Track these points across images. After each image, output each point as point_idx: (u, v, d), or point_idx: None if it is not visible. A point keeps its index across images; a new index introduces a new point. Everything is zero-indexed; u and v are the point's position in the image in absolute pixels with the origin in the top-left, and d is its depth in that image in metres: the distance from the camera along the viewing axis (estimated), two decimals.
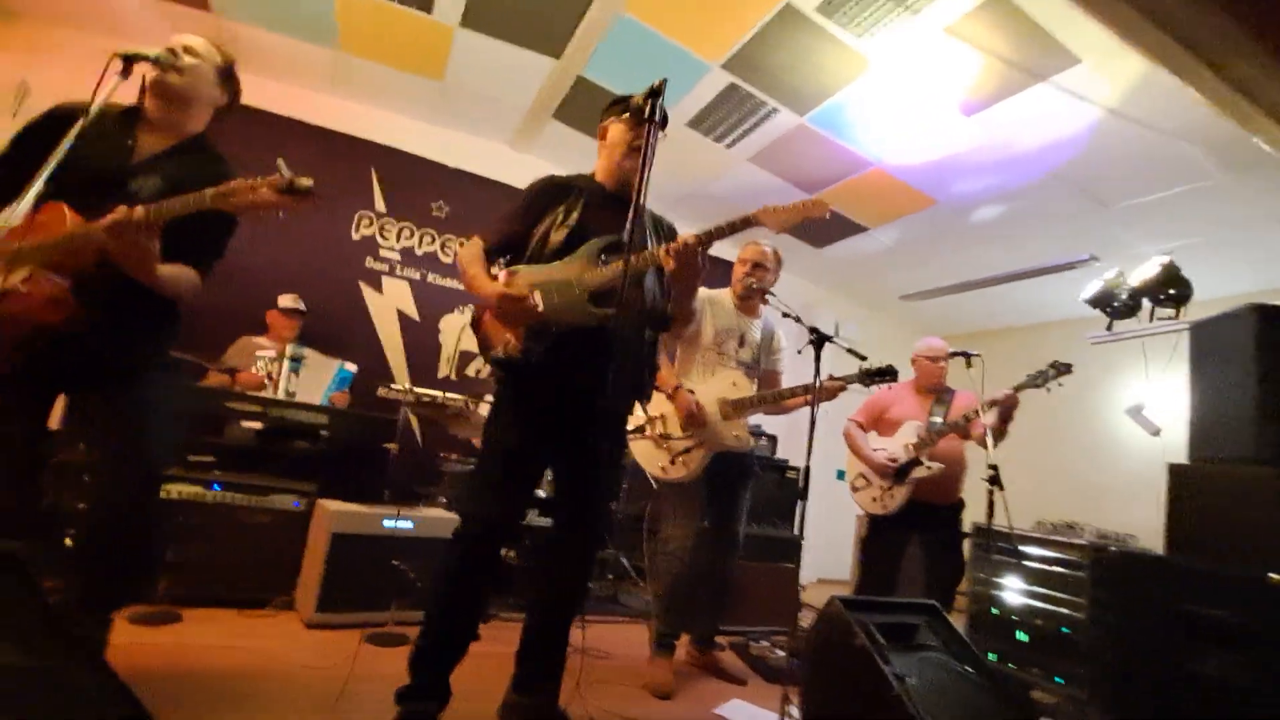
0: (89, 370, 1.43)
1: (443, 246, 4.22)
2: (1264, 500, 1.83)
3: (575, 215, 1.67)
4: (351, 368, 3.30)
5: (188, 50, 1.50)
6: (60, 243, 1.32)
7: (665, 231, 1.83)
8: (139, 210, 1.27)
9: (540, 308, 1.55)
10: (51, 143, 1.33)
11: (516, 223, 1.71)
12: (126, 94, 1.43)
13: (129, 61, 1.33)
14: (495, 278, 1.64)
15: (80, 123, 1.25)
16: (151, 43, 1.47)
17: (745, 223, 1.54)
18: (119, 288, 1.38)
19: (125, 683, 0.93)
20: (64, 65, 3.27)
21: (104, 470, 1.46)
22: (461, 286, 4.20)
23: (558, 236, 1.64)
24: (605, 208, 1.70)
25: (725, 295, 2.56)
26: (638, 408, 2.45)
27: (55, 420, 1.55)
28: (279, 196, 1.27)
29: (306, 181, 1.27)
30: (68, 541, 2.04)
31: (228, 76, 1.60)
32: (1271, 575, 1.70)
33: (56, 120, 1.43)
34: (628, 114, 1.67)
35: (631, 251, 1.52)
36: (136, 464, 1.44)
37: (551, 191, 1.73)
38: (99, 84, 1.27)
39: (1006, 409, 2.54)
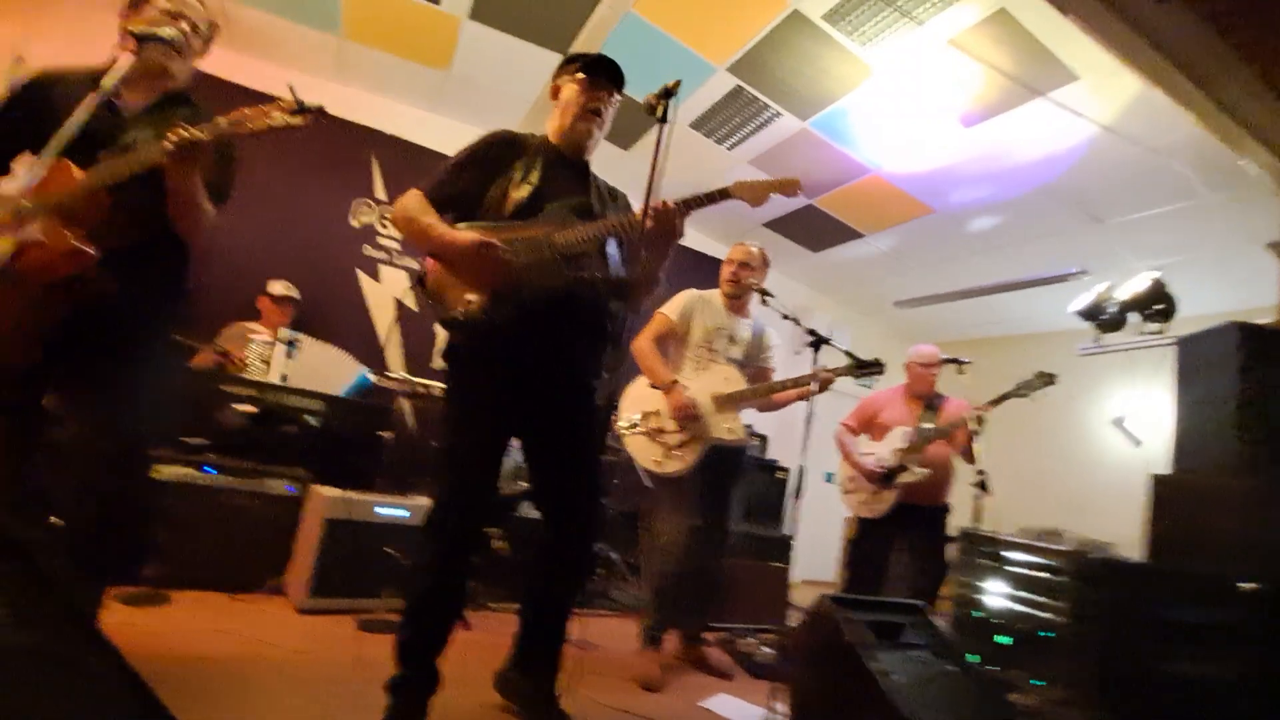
0: (96, 332, 1.41)
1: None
2: (1240, 510, 1.89)
3: (535, 174, 1.57)
4: (372, 377, 3.27)
5: (194, 30, 1.50)
6: (79, 188, 1.31)
7: (621, 201, 1.77)
8: (198, 131, 1.28)
9: (514, 264, 1.45)
10: (34, 111, 1.34)
11: (468, 176, 1.58)
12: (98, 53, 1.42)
13: (143, 41, 1.33)
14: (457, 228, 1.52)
15: (91, 96, 1.25)
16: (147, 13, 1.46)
17: (722, 194, 1.54)
18: (132, 243, 1.38)
19: (127, 660, 0.93)
20: (61, 36, 3.24)
21: (92, 445, 1.44)
22: None
23: (518, 194, 1.54)
24: (566, 173, 1.64)
25: (715, 295, 2.59)
26: (628, 405, 2.48)
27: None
28: (290, 117, 1.27)
29: (316, 103, 1.27)
30: (54, 520, 2.04)
31: (211, 35, 1.60)
32: (1241, 584, 1.76)
33: (39, 88, 1.43)
34: (581, 74, 1.61)
35: (612, 221, 1.52)
36: (126, 439, 1.43)
37: (504, 146, 1.62)
38: (92, 79, 1.27)
39: (968, 433, 2.62)
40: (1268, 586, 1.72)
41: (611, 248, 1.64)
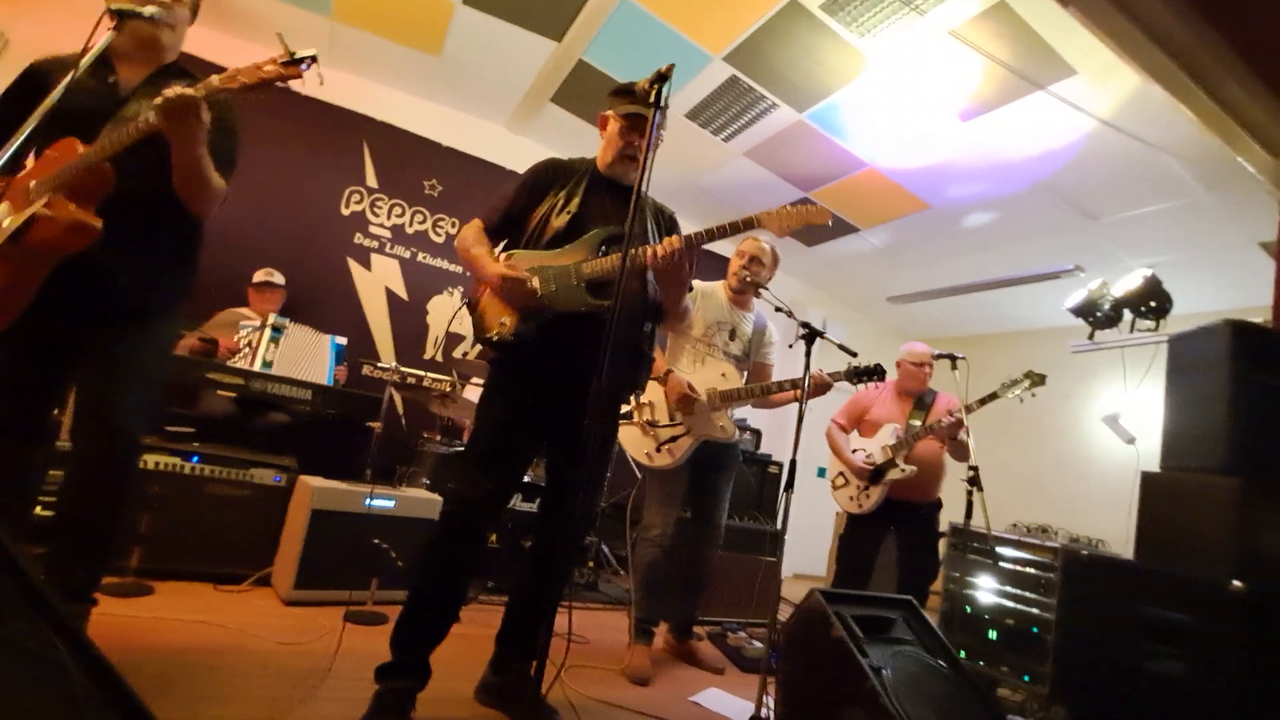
0: (100, 310, 1.39)
1: (434, 225, 4.16)
2: (1229, 509, 1.89)
3: (576, 201, 1.66)
4: (341, 340, 3.26)
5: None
6: (82, 161, 1.29)
7: (665, 221, 1.82)
8: (191, 90, 1.25)
9: (539, 292, 1.55)
10: (34, 98, 1.31)
11: (516, 204, 1.71)
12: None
13: (123, 18, 1.30)
14: (497, 260, 1.64)
15: (70, 75, 1.21)
16: None
17: (747, 224, 1.56)
18: (140, 217, 1.36)
19: (109, 659, 0.91)
20: (44, 16, 3.16)
21: (85, 437, 1.43)
22: (452, 267, 4.17)
23: (558, 222, 1.64)
24: (605, 195, 1.69)
25: (719, 288, 2.56)
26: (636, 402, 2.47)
27: None
28: (283, 69, 1.25)
29: (308, 50, 1.25)
30: (39, 510, 2.01)
31: (197, 3, 1.58)
32: (1235, 582, 1.76)
33: (35, 78, 1.42)
34: (625, 116, 1.68)
35: (630, 245, 1.54)
36: (117, 434, 1.42)
37: (552, 174, 1.72)
38: (89, 40, 1.23)
39: (952, 435, 2.61)
40: (1253, 587, 1.72)
41: (651, 272, 1.70)
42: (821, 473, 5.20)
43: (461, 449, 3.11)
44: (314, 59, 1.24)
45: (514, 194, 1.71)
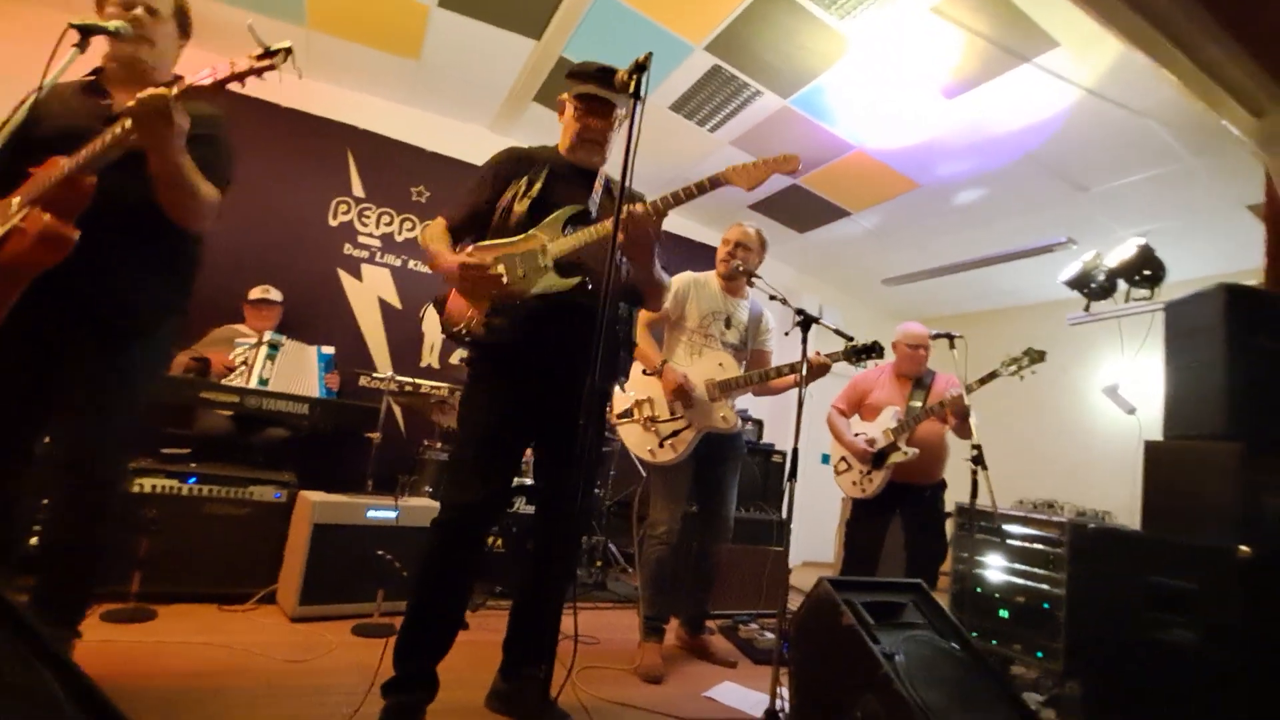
0: (81, 330, 1.36)
1: (462, 250, 4.12)
2: (1232, 474, 1.88)
3: (538, 186, 1.61)
4: (329, 349, 3.24)
5: (150, 10, 1.43)
6: (58, 172, 1.26)
7: (635, 202, 1.78)
8: (164, 89, 1.22)
9: (505, 279, 1.49)
10: (34, 129, 1.31)
11: (479, 196, 1.65)
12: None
13: (86, 34, 1.27)
14: (458, 252, 1.58)
15: (32, 97, 1.19)
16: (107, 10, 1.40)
17: (714, 183, 1.47)
18: (123, 232, 1.34)
19: (97, 685, 0.89)
20: (10, 37, 3.12)
21: (63, 470, 1.40)
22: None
23: (520, 208, 1.59)
24: (569, 180, 1.65)
25: (710, 278, 2.54)
26: (623, 392, 2.45)
27: None
28: (258, 62, 1.22)
29: (283, 43, 1.22)
30: (32, 540, 1.99)
31: (184, 17, 1.53)
32: (1241, 548, 1.75)
33: (40, 105, 1.38)
34: (579, 98, 1.63)
35: (587, 231, 1.50)
36: (95, 465, 1.39)
37: (513, 163, 1.68)
38: (51, 58, 1.20)
39: (960, 411, 2.60)
40: (1259, 551, 1.71)
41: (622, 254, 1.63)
42: (826, 459, 5.19)
43: None
44: (289, 50, 1.20)
45: (475, 186, 1.67)
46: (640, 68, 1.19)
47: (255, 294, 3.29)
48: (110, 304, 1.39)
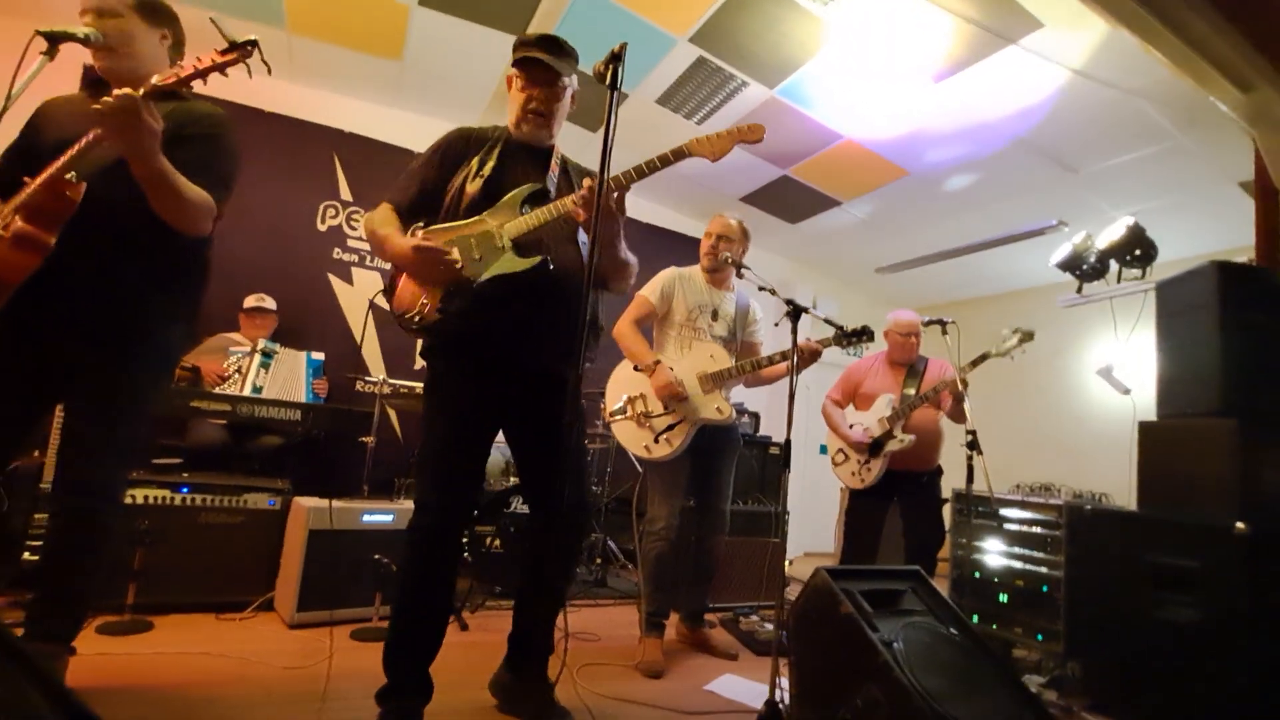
0: (77, 341, 1.35)
1: (413, 234, 4.10)
2: (1227, 451, 1.88)
3: (490, 165, 1.54)
4: (318, 355, 3.23)
5: (101, 14, 1.38)
6: (41, 179, 1.26)
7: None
8: (129, 90, 1.20)
9: (459, 263, 1.44)
10: (38, 140, 1.35)
11: (425, 176, 1.58)
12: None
13: (54, 41, 1.25)
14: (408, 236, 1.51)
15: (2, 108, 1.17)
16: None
17: (677, 155, 1.42)
18: (117, 241, 1.33)
19: (84, 704, 0.87)
20: None
21: (60, 486, 1.39)
22: None
23: (473, 188, 1.52)
24: (524, 160, 1.60)
25: (695, 271, 2.53)
26: (614, 391, 2.44)
27: None
28: (223, 57, 1.22)
29: (248, 35, 1.21)
30: (27, 556, 1.97)
31: (153, 11, 1.48)
32: (1239, 524, 1.75)
33: (40, 115, 1.45)
34: (518, 64, 1.56)
35: (548, 208, 1.45)
36: (92, 484, 1.37)
37: (462, 143, 1.61)
38: (19, 67, 1.18)
39: (957, 393, 2.59)
40: (1256, 527, 1.71)
41: (582, 234, 1.58)
42: (823, 450, 5.19)
43: None
44: (254, 43, 1.19)
45: (421, 168, 1.60)
46: (616, 58, 1.17)
47: (250, 302, 3.28)
48: (109, 314, 1.37)
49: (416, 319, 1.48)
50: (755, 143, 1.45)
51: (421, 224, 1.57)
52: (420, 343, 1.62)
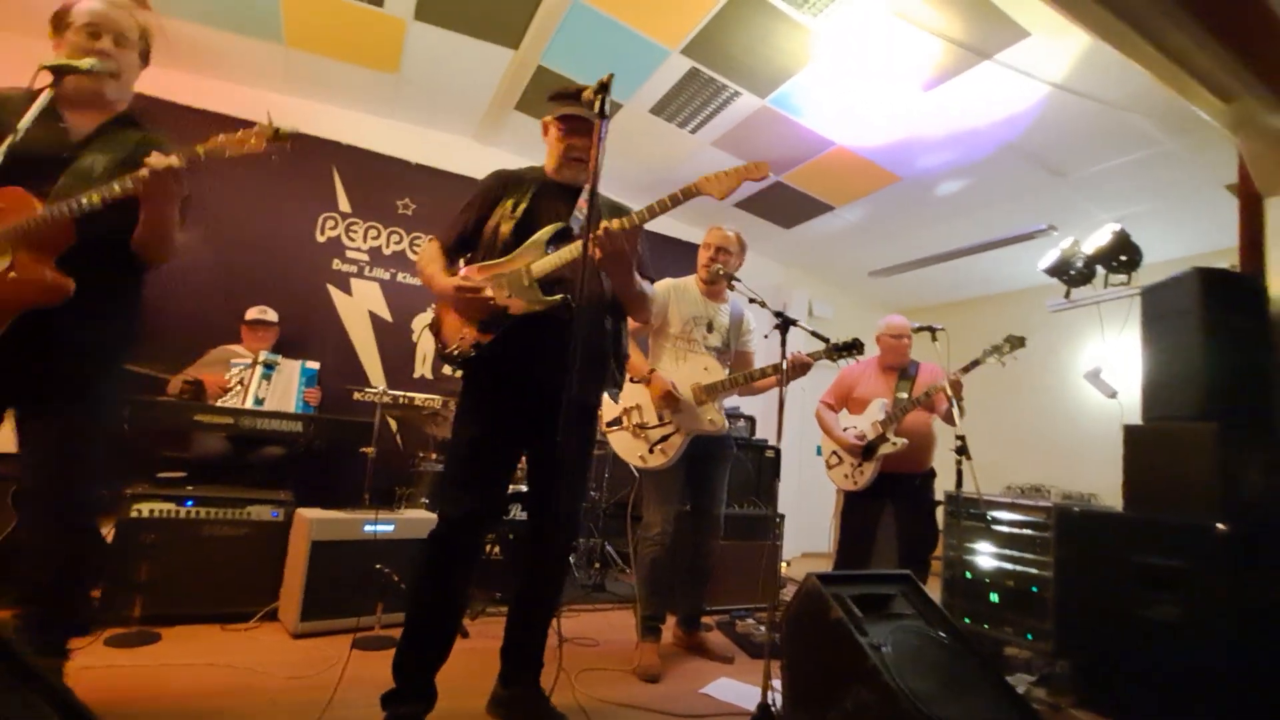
0: (47, 370, 1.36)
1: (411, 244, 4.15)
2: (1210, 454, 1.93)
3: (523, 207, 1.66)
4: (313, 364, 3.26)
5: (119, 42, 1.44)
6: (48, 218, 1.28)
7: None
8: (175, 157, 1.28)
9: (494, 300, 1.56)
10: None
11: (466, 219, 1.72)
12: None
13: (60, 74, 1.29)
14: (455, 274, 1.64)
15: (10, 138, 1.21)
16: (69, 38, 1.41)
17: (687, 194, 1.52)
18: (94, 270, 1.35)
19: (90, 710, 0.90)
20: None
21: (36, 499, 1.41)
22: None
23: (506, 229, 1.64)
24: (555, 198, 1.69)
25: (691, 282, 2.57)
26: (614, 402, 2.48)
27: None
28: (267, 144, 1.32)
29: (291, 127, 1.32)
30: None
31: (147, 46, 1.55)
32: (1219, 525, 1.79)
33: None
34: (560, 119, 1.68)
35: (562, 252, 1.55)
36: (69, 495, 1.39)
37: (500, 185, 1.73)
38: (32, 102, 1.23)
39: (954, 391, 2.64)
40: (1237, 527, 1.76)
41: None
42: (819, 451, 5.24)
43: None
44: (297, 134, 1.26)
45: (465, 209, 1.73)
46: (604, 87, 1.22)
47: (252, 314, 3.32)
48: (70, 339, 1.37)
49: (455, 352, 1.60)
50: (760, 180, 1.55)
51: (465, 259, 1.72)
52: (423, 351, 1.71)
